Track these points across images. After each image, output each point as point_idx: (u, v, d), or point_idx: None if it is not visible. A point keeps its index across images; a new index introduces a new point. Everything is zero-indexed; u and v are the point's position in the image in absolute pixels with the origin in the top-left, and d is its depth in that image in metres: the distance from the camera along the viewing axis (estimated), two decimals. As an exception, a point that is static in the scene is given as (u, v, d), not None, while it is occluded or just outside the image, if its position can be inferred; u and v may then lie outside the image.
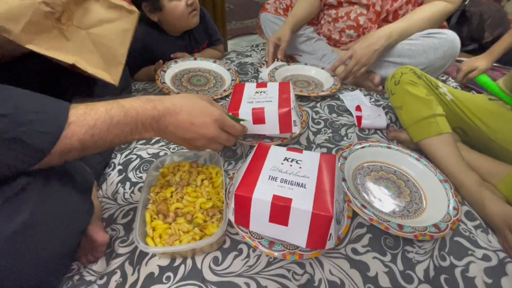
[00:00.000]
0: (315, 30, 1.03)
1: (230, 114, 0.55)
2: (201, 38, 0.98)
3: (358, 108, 0.70)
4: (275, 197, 0.37)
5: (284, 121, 0.58)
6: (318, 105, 0.77)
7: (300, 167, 0.42)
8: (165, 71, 0.83)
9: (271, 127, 0.58)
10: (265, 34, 1.04)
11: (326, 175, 0.41)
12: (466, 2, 1.20)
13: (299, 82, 0.86)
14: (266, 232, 0.41)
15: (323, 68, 0.92)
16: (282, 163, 0.43)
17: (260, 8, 1.10)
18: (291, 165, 0.43)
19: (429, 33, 0.77)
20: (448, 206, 0.49)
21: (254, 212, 0.39)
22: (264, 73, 0.88)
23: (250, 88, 0.65)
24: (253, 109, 0.58)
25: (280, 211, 0.37)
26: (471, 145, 0.64)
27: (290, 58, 1.03)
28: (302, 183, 0.39)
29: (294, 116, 0.58)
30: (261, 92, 0.64)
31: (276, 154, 0.45)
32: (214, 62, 0.92)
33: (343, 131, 0.68)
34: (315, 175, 0.41)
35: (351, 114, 0.73)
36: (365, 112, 0.66)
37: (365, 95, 0.82)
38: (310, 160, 0.44)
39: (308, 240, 0.38)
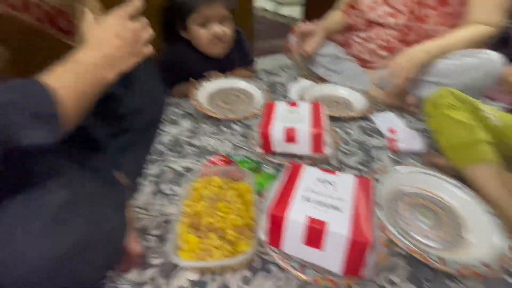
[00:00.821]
0: (344, 51, 1.03)
1: None
2: (236, 59, 1.02)
3: (391, 130, 0.68)
4: (310, 219, 0.37)
5: (316, 141, 0.58)
6: (348, 125, 0.76)
7: (334, 189, 0.42)
8: (198, 90, 0.87)
9: (303, 146, 0.59)
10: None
11: (362, 199, 0.40)
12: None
13: (329, 103, 0.86)
14: (298, 254, 0.40)
15: (352, 88, 0.91)
16: (315, 184, 0.43)
17: (286, 29, 1.14)
18: (325, 187, 0.42)
19: (469, 53, 0.75)
20: (498, 241, 0.45)
21: (287, 232, 0.38)
22: (293, 94, 0.89)
23: (281, 107, 0.67)
24: (285, 127, 0.59)
25: (314, 233, 0.36)
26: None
27: (320, 79, 1.04)
28: (337, 206, 0.38)
29: (326, 137, 0.58)
30: (293, 111, 0.65)
31: (309, 174, 0.45)
32: (246, 81, 0.94)
33: (374, 154, 0.66)
34: (351, 199, 0.40)
35: (382, 136, 0.71)
36: (400, 135, 0.65)
37: (398, 117, 0.80)
38: (345, 182, 0.43)
39: (343, 266, 0.36)
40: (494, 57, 0.73)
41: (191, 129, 0.77)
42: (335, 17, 1.05)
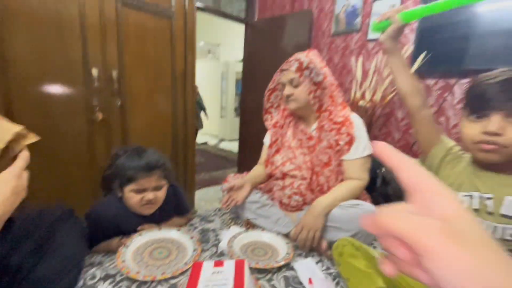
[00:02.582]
0: (269, 197, 1.21)
1: None
2: (170, 209, 1.07)
3: (310, 281, 0.74)
4: None
5: (239, 307, 0.59)
6: (274, 276, 0.80)
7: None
8: (127, 246, 0.85)
9: (225, 315, 0.58)
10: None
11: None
12: (383, 170, 1.57)
13: (257, 250, 0.93)
14: None
15: (278, 234, 1.02)
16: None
17: (227, 161, 1.32)
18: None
19: (352, 204, 0.99)
20: None
21: None
22: (224, 242, 0.94)
23: (207, 268, 0.69)
24: (208, 295, 0.60)
25: None
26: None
27: (248, 224, 1.14)
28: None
29: (248, 301, 0.60)
30: (218, 272, 0.67)
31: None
32: (178, 230, 0.97)
33: (299, 309, 0.68)
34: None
35: (304, 287, 0.76)
36: (316, 286, 0.71)
37: (316, 262, 0.89)
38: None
39: None
40: (367, 206, 0.97)
41: (108, 299, 0.70)
42: (258, 170, 1.28)
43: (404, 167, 0.21)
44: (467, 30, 1.63)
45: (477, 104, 0.61)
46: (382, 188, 1.53)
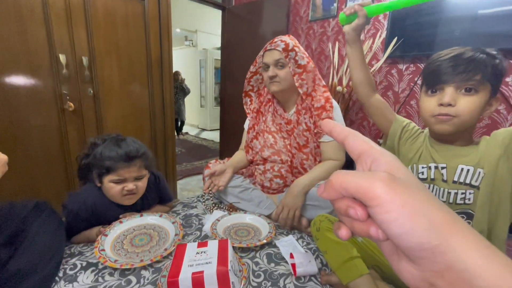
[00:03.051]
0: (251, 181, 1.23)
1: None
2: (153, 199, 1.06)
3: (291, 256, 0.78)
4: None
5: (223, 283, 0.61)
6: (257, 254, 0.83)
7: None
8: (107, 235, 0.84)
9: (210, 291, 0.60)
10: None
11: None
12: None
13: (240, 231, 0.95)
14: None
15: (260, 215, 1.04)
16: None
17: (208, 151, 1.33)
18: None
19: None
20: None
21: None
22: (207, 225, 0.96)
23: (191, 249, 0.70)
24: (192, 273, 0.61)
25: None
26: (390, 280, 0.74)
27: (231, 207, 1.15)
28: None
29: (232, 277, 0.62)
30: (201, 252, 0.69)
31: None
32: (160, 216, 0.97)
33: (281, 283, 0.72)
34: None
35: (287, 261, 0.80)
36: (297, 260, 0.74)
37: (297, 239, 0.93)
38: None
39: None
40: None
41: (91, 286, 0.69)
42: (239, 155, 1.30)
43: (349, 137, 0.23)
44: (436, 16, 1.71)
45: (432, 79, 0.67)
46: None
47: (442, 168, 0.68)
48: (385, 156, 0.21)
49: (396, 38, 1.79)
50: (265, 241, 0.86)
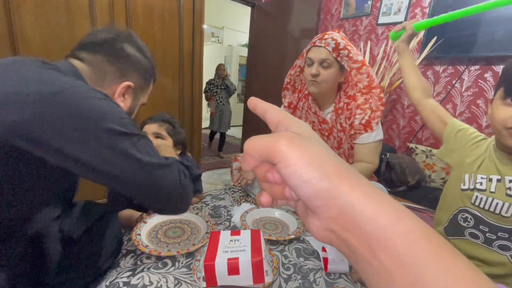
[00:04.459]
0: (278, 177, 1.24)
1: None
2: None
3: (323, 249, 0.78)
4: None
5: (257, 270, 0.63)
6: (286, 248, 0.84)
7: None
8: (145, 223, 0.88)
9: (245, 277, 0.62)
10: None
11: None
12: (388, 156, 1.60)
13: (268, 225, 0.96)
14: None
15: (288, 211, 1.05)
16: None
17: (230, 147, 1.35)
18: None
19: None
20: None
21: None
22: (236, 216, 0.98)
23: (225, 236, 0.72)
24: (228, 259, 0.63)
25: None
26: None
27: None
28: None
29: (266, 266, 0.63)
30: (235, 240, 0.71)
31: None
32: (197, 214, 0.98)
33: (311, 277, 0.73)
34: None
35: (316, 257, 0.80)
36: (330, 255, 0.74)
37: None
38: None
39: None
40: (378, 185, 0.99)
41: (131, 268, 0.74)
42: None
43: (269, 110, 0.25)
44: (477, 16, 1.62)
45: None
46: (386, 173, 1.56)
47: (510, 181, 0.63)
48: (297, 123, 0.23)
49: (434, 38, 1.72)
50: (293, 236, 0.87)
